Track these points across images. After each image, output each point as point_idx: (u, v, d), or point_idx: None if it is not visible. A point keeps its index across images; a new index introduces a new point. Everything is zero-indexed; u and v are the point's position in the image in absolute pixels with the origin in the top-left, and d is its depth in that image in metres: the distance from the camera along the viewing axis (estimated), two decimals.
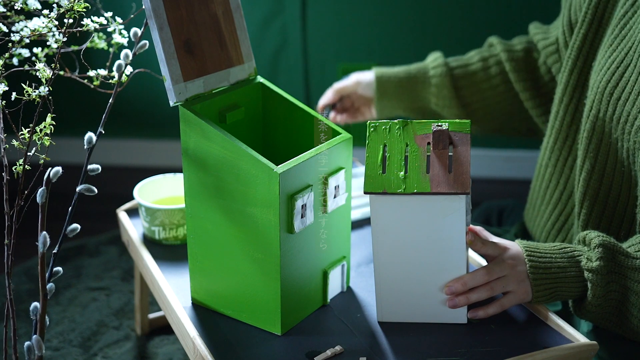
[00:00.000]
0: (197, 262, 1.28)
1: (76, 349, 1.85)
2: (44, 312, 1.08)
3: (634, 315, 1.21)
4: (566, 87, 1.38)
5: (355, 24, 2.66)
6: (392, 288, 1.22)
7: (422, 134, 1.18)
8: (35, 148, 1.09)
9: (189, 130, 1.21)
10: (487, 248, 1.23)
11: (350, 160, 1.27)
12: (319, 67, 2.72)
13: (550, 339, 1.20)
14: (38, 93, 1.08)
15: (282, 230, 1.17)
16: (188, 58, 1.22)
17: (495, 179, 2.78)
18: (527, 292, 1.23)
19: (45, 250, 1.05)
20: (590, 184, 1.32)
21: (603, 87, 1.28)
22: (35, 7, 1.21)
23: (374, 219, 1.18)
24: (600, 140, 1.30)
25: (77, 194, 1.09)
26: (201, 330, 1.24)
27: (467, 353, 1.17)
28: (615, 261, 1.21)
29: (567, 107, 1.37)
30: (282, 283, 1.20)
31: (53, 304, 2.01)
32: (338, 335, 1.23)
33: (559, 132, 1.40)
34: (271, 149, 1.37)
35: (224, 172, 1.19)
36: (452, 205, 1.14)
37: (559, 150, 1.40)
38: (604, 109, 1.28)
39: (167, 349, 1.85)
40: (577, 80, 1.38)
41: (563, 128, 1.38)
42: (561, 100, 1.38)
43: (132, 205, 1.67)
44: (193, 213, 1.26)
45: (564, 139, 1.39)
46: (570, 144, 1.38)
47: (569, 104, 1.37)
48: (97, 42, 1.29)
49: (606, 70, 1.29)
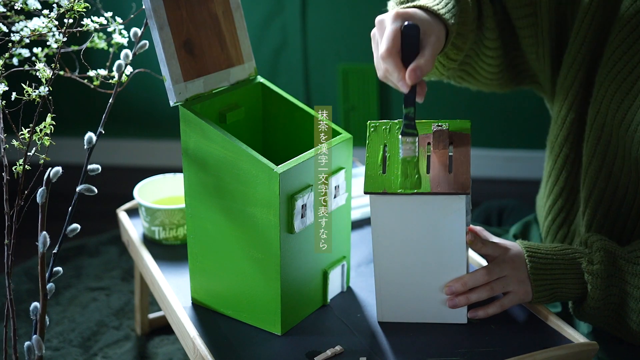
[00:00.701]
0: (197, 262, 1.28)
1: (76, 349, 1.85)
2: (44, 312, 1.08)
3: (632, 319, 1.21)
4: (572, 84, 1.36)
5: (355, 24, 2.65)
6: (392, 288, 1.22)
7: (423, 134, 1.18)
8: (35, 148, 1.09)
9: (189, 130, 1.21)
10: (487, 248, 1.23)
11: (350, 160, 1.27)
12: (319, 67, 2.72)
13: (550, 339, 1.20)
14: (38, 93, 1.08)
15: (282, 230, 1.17)
16: (188, 58, 1.22)
17: (495, 179, 2.78)
18: (527, 293, 1.23)
19: (45, 250, 1.05)
20: (597, 184, 1.32)
21: (611, 95, 1.27)
22: (35, 7, 1.21)
23: (374, 219, 1.18)
24: (608, 143, 1.29)
25: (77, 194, 1.09)
26: (201, 330, 1.24)
27: (467, 353, 1.17)
28: (615, 266, 1.21)
29: (571, 103, 1.36)
30: (282, 283, 1.20)
31: (53, 304, 2.01)
32: (338, 335, 1.23)
33: (561, 128, 1.39)
34: (271, 149, 1.37)
35: (224, 172, 1.19)
36: (452, 205, 1.14)
37: (560, 147, 1.39)
38: (612, 114, 1.27)
39: (167, 349, 1.84)
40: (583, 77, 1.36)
41: (565, 125, 1.37)
42: (565, 96, 1.37)
43: (132, 205, 1.67)
44: (193, 213, 1.26)
45: (565, 136, 1.38)
46: (572, 140, 1.37)
47: (573, 101, 1.36)
48: (97, 42, 1.29)
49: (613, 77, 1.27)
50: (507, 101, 2.68)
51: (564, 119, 1.37)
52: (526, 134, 2.74)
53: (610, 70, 1.27)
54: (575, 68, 1.33)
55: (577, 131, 1.36)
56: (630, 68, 1.24)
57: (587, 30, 1.30)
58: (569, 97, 1.35)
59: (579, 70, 1.33)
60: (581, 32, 1.31)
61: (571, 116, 1.35)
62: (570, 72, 1.34)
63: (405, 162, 1.14)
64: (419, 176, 1.14)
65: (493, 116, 2.71)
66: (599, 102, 1.29)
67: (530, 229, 1.58)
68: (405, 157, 1.14)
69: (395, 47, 1.10)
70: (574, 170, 1.38)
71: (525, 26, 1.36)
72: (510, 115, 2.72)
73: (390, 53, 1.10)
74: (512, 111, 2.71)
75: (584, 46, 1.31)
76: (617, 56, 1.26)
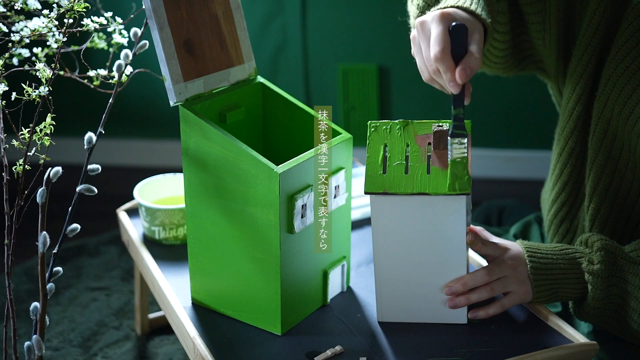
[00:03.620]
0: (197, 262, 1.28)
1: (76, 349, 1.85)
2: (44, 312, 1.08)
3: (633, 319, 1.21)
4: (580, 77, 1.35)
5: (355, 24, 2.65)
6: (392, 288, 1.22)
7: (423, 134, 1.18)
8: (35, 148, 1.09)
9: (189, 130, 1.21)
10: (487, 248, 1.23)
11: (350, 160, 1.27)
12: (319, 67, 2.72)
13: (550, 339, 1.20)
14: (38, 93, 1.08)
15: (282, 230, 1.17)
16: (188, 58, 1.22)
17: (495, 179, 2.78)
18: (527, 293, 1.23)
19: (45, 250, 1.05)
20: (602, 179, 1.32)
21: (619, 91, 1.26)
22: (35, 7, 1.21)
23: (374, 219, 1.18)
24: (614, 138, 1.29)
25: (77, 194, 1.09)
26: (201, 330, 1.24)
27: (467, 353, 1.17)
28: (616, 265, 1.21)
29: (579, 96, 1.35)
30: (282, 283, 1.20)
31: (53, 304, 2.01)
32: (338, 335, 1.23)
33: (568, 121, 1.39)
34: (271, 149, 1.37)
35: (224, 172, 1.19)
36: (453, 205, 1.14)
37: (565, 139, 1.39)
38: (618, 110, 1.27)
39: (167, 349, 1.84)
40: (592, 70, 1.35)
41: (572, 118, 1.36)
42: (574, 88, 1.36)
43: (132, 205, 1.67)
44: (193, 213, 1.25)
45: (571, 129, 1.37)
46: (578, 134, 1.37)
47: (581, 94, 1.35)
48: (97, 42, 1.29)
49: (620, 73, 1.26)
50: (507, 101, 2.69)
51: (571, 111, 1.36)
52: (526, 134, 2.74)
53: (619, 65, 1.26)
54: (584, 61, 1.32)
55: (583, 125, 1.36)
56: (639, 63, 1.24)
57: (598, 23, 1.30)
58: (577, 89, 1.34)
59: (588, 63, 1.32)
60: (592, 24, 1.30)
61: (578, 109, 1.35)
62: (579, 65, 1.33)
63: (454, 164, 1.14)
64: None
65: (493, 116, 2.71)
66: (605, 96, 1.29)
67: (530, 229, 1.58)
68: (455, 159, 1.14)
69: (447, 47, 1.11)
70: (579, 164, 1.38)
71: (533, 12, 1.36)
72: (510, 115, 2.72)
73: (445, 54, 1.10)
74: (512, 111, 2.71)
75: (594, 39, 1.31)
76: (626, 50, 1.25)
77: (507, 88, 2.65)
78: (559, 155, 1.41)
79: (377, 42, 2.67)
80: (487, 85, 2.52)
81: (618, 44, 1.27)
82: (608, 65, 1.28)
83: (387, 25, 2.63)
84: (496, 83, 2.63)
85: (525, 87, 2.64)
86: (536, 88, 2.55)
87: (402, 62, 2.68)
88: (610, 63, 1.28)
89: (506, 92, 2.67)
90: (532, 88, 2.62)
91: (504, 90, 2.66)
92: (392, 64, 2.69)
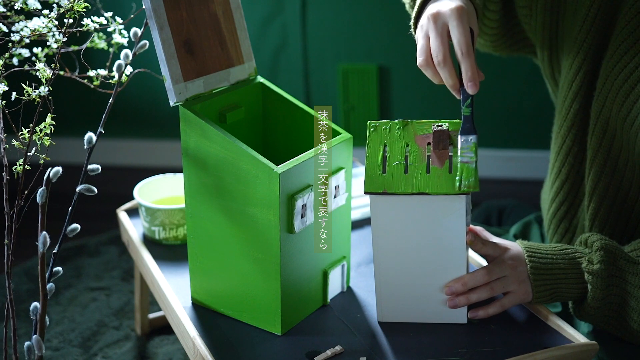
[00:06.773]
0: (197, 262, 1.28)
1: (76, 349, 1.85)
2: (44, 312, 1.08)
3: (633, 319, 1.21)
4: (576, 73, 1.35)
5: (355, 24, 2.66)
6: (392, 288, 1.22)
7: (423, 134, 1.18)
8: (35, 148, 1.09)
9: (189, 130, 1.21)
10: (487, 248, 1.23)
11: (350, 160, 1.27)
12: (319, 67, 2.72)
13: (550, 339, 1.20)
14: (38, 93, 1.08)
15: (282, 230, 1.17)
16: (188, 58, 1.22)
17: (495, 179, 2.78)
18: (527, 293, 1.23)
19: (45, 250, 1.05)
20: (601, 178, 1.32)
21: (617, 89, 1.26)
22: (35, 7, 1.21)
23: (374, 219, 1.18)
24: (614, 137, 1.29)
25: (77, 194, 1.09)
26: (201, 330, 1.24)
27: (467, 353, 1.17)
28: (616, 265, 1.21)
29: (575, 94, 1.35)
30: (282, 283, 1.20)
31: (53, 304, 2.01)
32: (338, 335, 1.23)
33: (565, 119, 1.38)
34: (271, 149, 1.37)
35: (224, 172, 1.19)
36: (452, 205, 1.14)
37: (563, 138, 1.39)
38: (617, 109, 1.27)
39: (167, 349, 1.85)
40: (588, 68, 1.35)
41: (569, 116, 1.36)
42: (570, 86, 1.36)
43: (132, 205, 1.67)
44: (193, 213, 1.26)
45: (568, 127, 1.37)
46: (575, 132, 1.37)
47: (577, 92, 1.35)
48: (97, 42, 1.29)
49: (619, 71, 1.26)
50: (507, 101, 2.69)
51: (568, 109, 1.36)
52: (526, 134, 2.74)
53: (617, 64, 1.26)
54: (580, 58, 1.32)
55: (580, 123, 1.36)
56: (638, 62, 1.24)
57: (593, 19, 1.29)
58: (573, 87, 1.34)
59: (583, 60, 1.32)
60: (587, 21, 1.30)
61: (575, 107, 1.35)
62: (575, 62, 1.33)
63: (463, 165, 1.14)
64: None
65: (493, 116, 2.71)
66: (604, 95, 1.29)
67: (530, 229, 1.58)
68: (464, 157, 1.14)
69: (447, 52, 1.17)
70: (577, 162, 1.38)
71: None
72: (510, 115, 2.72)
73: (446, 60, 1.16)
74: (512, 111, 2.71)
75: (589, 36, 1.30)
76: (624, 49, 1.25)
77: (507, 88, 2.66)
78: (557, 154, 1.41)
79: (377, 42, 2.67)
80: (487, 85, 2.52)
81: (616, 42, 1.26)
82: (606, 63, 1.28)
83: (387, 25, 2.64)
84: (496, 83, 2.63)
85: (525, 87, 2.64)
86: (536, 88, 2.55)
87: (402, 62, 2.68)
88: (608, 62, 1.28)
89: (506, 92, 2.67)
90: (532, 88, 2.62)
91: (504, 91, 2.66)
92: (392, 64, 2.69)
